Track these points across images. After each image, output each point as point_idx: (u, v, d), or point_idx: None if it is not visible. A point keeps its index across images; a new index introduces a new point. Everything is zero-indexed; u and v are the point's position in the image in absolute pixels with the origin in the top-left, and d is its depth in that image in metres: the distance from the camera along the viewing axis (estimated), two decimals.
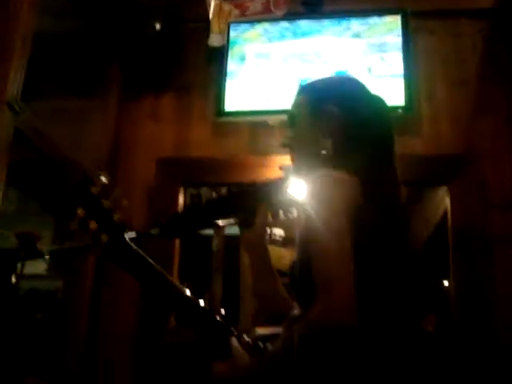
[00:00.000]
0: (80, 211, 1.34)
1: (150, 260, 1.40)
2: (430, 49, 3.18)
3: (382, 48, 3.11)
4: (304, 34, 3.22)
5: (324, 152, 1.44)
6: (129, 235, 1.40)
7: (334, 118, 1.46)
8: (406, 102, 2.98)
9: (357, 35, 3.17)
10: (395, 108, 2.98)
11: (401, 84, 3.00)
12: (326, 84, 1.61)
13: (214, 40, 3.26)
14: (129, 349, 2.89)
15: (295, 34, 3.23)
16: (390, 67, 3.07)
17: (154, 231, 1.52)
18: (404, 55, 3.06)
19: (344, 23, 3.20)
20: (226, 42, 3.23)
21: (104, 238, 1.35)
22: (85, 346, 2.88)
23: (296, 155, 1.55)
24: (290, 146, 1.56)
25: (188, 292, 1.40)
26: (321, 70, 3.10)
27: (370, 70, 3.08)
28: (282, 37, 3.23)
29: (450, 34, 3.18)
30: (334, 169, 1.36)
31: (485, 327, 2.68)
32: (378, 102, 1.54)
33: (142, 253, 1.40)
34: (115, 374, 2.87)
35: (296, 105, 1.57)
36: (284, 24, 3.26)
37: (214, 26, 3.26)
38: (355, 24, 3.19)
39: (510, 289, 2.73)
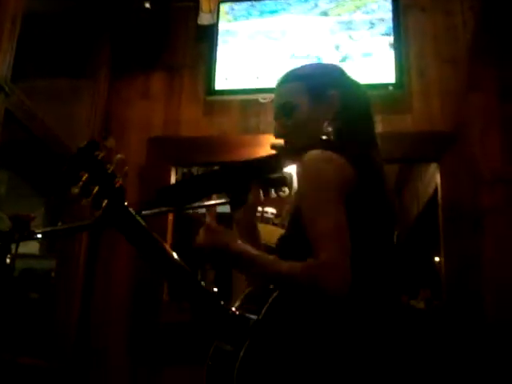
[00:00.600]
0: (84, 175, 1.34)
1: (147, 228, 1.40)
2: (421, 26, 3.17)
3: (349, 26, 3.11)
4: (271, 13, 3.21)
5: (325, 137, 1.49)
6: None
7: (335, 103, 1.52)
8: (396, 79, 2.99)
9: (324, 13, 3.17)
10: (385, 85, 2.99)
11: (370, 62, 3.03)
12: (321, 70, 1.64)
13: (204, 19, 3.24)
14: (123, 327, 2.91)
15: (262, 13, 3.22)
16: (358, 45, 3.08)
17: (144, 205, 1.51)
18: (394, 32, 3.06)
19: (311, 1, 3.20)
20: (215, 21, 3.21)
21: (104, 202, 1.35)
22: (78, 325, 2.89)
23: (295, 142, 1.55)
24: (287, 135, 1.57)
25: (182, 263, 1.40)
26: (287, 49, 3.13)
27: (337, 47, 3.09)
28: (249, 15, 3.23)
29: (441, 11, 3.18)
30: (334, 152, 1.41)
31: (474, 301, 2.71)
32: (360, 85, 1.62)
33: (140, 220, 1.40)
34: (109, 352, 2.90)
35: (291, 92, 1.57)
36: (250, 2, 3.25)
37: (204, 5, 3.24)
38: (323, 2, 3.18)
39: (498, 262, 2.76)
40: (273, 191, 1.65)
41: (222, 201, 1.59)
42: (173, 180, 3.10)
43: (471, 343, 2.66)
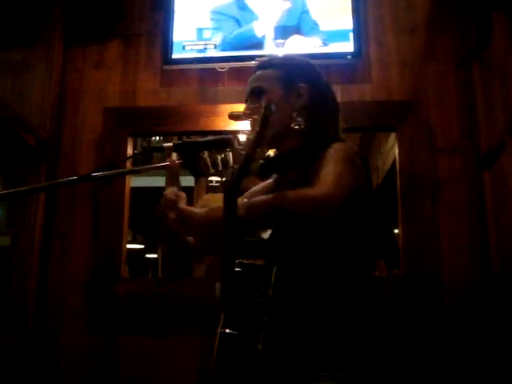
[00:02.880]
0: None
1: None
2: None
3: None
4: None
5: (297, 127, 1.58)
6: None
7: (305, 94, 1.63)
8: (354, 48, 2.98)
9: None
10: (344, 54, 2.98)
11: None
12: (293, 62, 1.73)
13: None
14: (80, 298, 2.89)
15: None
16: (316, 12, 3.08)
17: None
18: (353, 1, 3.05)
19: None
20: None
21: None
22: (35, 299, 2.87)
23: (260, 126, 1.59)
24: (251, 116, 1.63)
25: None
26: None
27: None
28: None
29: None
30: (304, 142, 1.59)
31: (431, 269, 2.75)
32: (329, 84, 1.73)
33: None
34: (66, 325, 2.88)
35: (264, 78, 1.66)
36: None
37: None
38: None
39: (455, 232, 2.81)
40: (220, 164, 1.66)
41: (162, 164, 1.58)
42: (129, 150, 3.06)
43: (428, 311, 2.71)
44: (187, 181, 5.54)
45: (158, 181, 5.63)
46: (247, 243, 1.43)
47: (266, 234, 1.49)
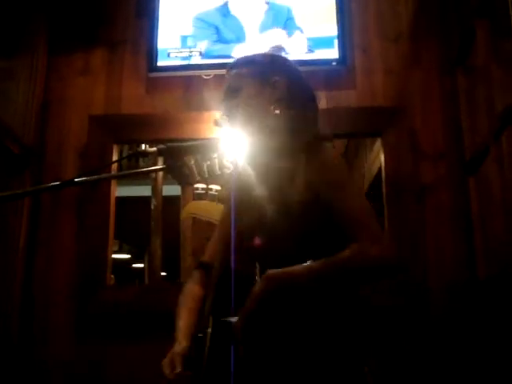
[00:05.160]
0: None
1: None
2: (364, 2, 3.17)
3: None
4: None
5: (272, 120, 1.58)
6: None
7: (280, 88, 1.61)
8: (339, 54, 2.99)
9: None
10: (329, 61, 2.99)
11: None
12: (267, 58, 1.71)
13: None
14: (66, 307, 2.86)
15: None
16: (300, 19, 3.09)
17: None
18: (338, 8, 3.06)
19: None
20: None
21: None
22: (20, 307, 2.84)
23: (244, 124, 1.60)
24: (229, 114, 1.63)
25: None
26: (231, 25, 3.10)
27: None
28: None
29: None
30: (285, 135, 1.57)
31: (416, 277, 2.76)
32: (301, 72, 1.72)
33: None
34: (52, 333, 2.85)
35: (238, 77, 1.66)
36: None
37: None
38: None
39: (440, 237, 2.81)
40: (217, 168, 1.66)
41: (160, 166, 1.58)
42: (115, 158, 3.05)
43: (413, 316, 2.71)
44: (173, 190, 5.53)
45: (144, 190, 5.61)
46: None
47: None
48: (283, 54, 1.81)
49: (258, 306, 1.31)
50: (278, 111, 1.58)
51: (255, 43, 3.04)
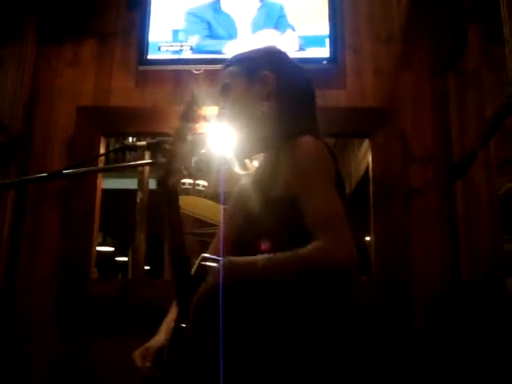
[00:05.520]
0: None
1: None
2: (356, 3, 3.17)
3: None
4: None
5: (261, 114, 1.55)
6: None
7: (270, 83, 1.57)
8: (330, 53, 2.99)
9: None
10: (320, 60, 2.99)
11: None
12: (258, 53, 1.67)
13: None
14: (49, 300, 2.84)
15: None
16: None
17: None
18: (330, 8, 3.05)
19: None
20: None
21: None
22: (2, 300, 2.81)
23: (233, 121, 1.59)
24: (223, 116, 1.60)
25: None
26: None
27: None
28: None
29: None
30: (277, 130, 1.53)
31: (401, 279, 2.77)
32: (299, 65, 1.68)
33: None
34: (35, 327, 2.83)
35: (229, 75, 1.63)
36: None
37: None
38: None
39: (426, 240, 2.82)
40: (204, 165, 1.64)
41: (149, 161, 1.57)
42: (102, 150, 3.03)
43: (397, 318, 2.72)
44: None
45: (130, 183, 5.59)
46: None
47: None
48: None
49: (210, 293, 1.30)
50: (265, 108, 1.55)
51: (247, 41, 3.02)
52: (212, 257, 1.37)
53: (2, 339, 2.78)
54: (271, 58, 1.65)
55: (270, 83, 1.57)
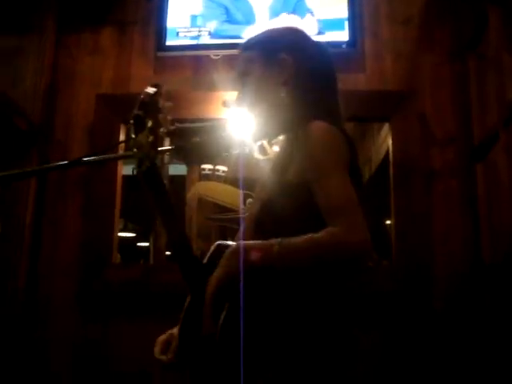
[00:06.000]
0: (150, 123, 1.28)
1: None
2: None
3: None
4: None
5: (280, 100, 1.52)
6: None
7: (288, 66, 1.53)
8: (349, 37, 2.97)
9: None
10: (339, 44, 2.97)
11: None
12: (275, 36, 1.63)
13: None
14: (71, 285, 2.87)
15: None
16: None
17: None
18: None
19: None
20: None
21: (153, 153, 1.26)
22: (26, 284, 2.85)
23: (252, 107, 1.56)
24: (242, 103, 1.58)
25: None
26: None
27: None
28: None
29: None
30: (294, 115, 1.50)
31: (422, 261, 2.76)
32: (321, 46, 1.64)
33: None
34: (57, 311, 2.87)
35: (246, 60, 1.60)
36: None
37: None
38: None
39: (447, 222, 2.81)
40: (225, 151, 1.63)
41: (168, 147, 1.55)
42: (122, 137, 3.04)
43: (420, 299, 2.72)
44: (179, 169, 5.52)
45: None
46: None
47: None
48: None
49: (224, 280, 1.30)
50: (283, 94, 1.52)
51: (265, 25, 3.01)
52: (227, 243, 1.37)
53: (25, 323, 2.82)
54: (289, 40, 1.60)
55: (288, 67, 1.53)
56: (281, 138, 1.62)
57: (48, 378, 2.80)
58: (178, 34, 3.06)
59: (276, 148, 1.68)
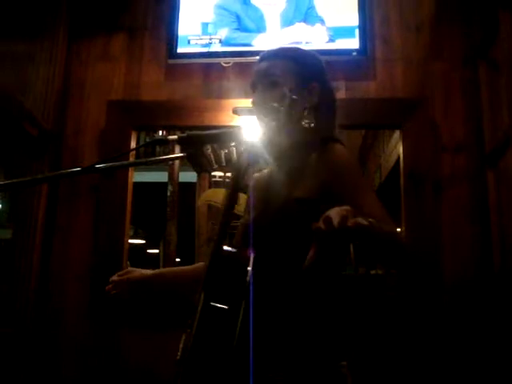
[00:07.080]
0: None
1: None
2: None
3: None
4: None
5: (306, 125, 1.56)
6: None
7: (315, 95, 1.61)
8: (360, 45, 2.97)
9: None
10: (349, 51, 2.97)
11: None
12: (312, 61, 1.69)
13: None
14: (81, 291, 2.89)
15: None
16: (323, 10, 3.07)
17: None
18: None
19: None
20: None
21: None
22: (37, 290, 2.86)
23: (271, 117, 1.54)
24: (261, 106, 1.58)
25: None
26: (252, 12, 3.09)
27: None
28: None
29: None
30: (309, 136, 1.57)
31: (432, 269, 2.75)
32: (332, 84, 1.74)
33: None
34: (68, 317, 2.88)
35: (280, 68, 1.61)
36: None
37: None
38: None
39: (457, 230, 2.80)
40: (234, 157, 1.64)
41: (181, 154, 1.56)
42: (133, 144, 3.06)
43: (429, 307, 2.71)
44: (189, 176, 5.55)
45: (160, 176, 5.63)
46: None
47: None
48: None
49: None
50: (307, 121, 1.56)
51: (276, 34, 3.02)
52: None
53: (35, 328, 2.83)
54: (318, 69, 1.68)
55: (316, 95, 1.60)
56: (276, 155, 1.61)
57: None
58: (189, 41, 3.08)
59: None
